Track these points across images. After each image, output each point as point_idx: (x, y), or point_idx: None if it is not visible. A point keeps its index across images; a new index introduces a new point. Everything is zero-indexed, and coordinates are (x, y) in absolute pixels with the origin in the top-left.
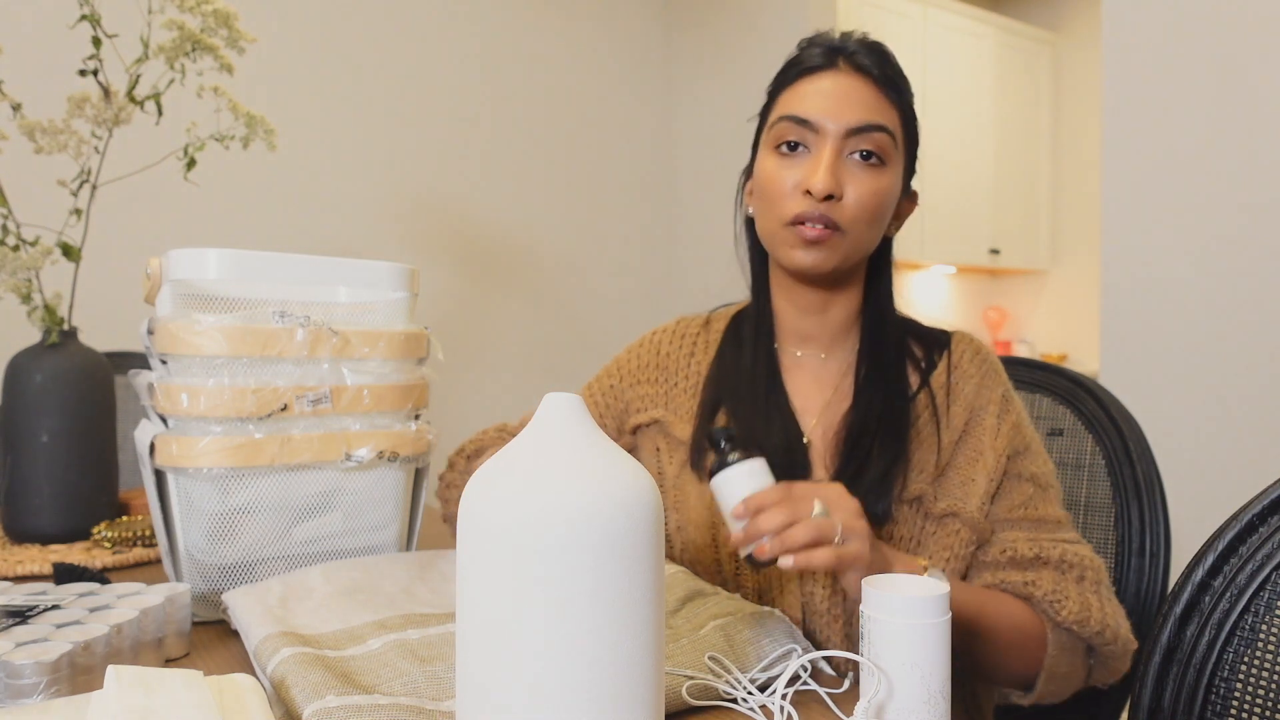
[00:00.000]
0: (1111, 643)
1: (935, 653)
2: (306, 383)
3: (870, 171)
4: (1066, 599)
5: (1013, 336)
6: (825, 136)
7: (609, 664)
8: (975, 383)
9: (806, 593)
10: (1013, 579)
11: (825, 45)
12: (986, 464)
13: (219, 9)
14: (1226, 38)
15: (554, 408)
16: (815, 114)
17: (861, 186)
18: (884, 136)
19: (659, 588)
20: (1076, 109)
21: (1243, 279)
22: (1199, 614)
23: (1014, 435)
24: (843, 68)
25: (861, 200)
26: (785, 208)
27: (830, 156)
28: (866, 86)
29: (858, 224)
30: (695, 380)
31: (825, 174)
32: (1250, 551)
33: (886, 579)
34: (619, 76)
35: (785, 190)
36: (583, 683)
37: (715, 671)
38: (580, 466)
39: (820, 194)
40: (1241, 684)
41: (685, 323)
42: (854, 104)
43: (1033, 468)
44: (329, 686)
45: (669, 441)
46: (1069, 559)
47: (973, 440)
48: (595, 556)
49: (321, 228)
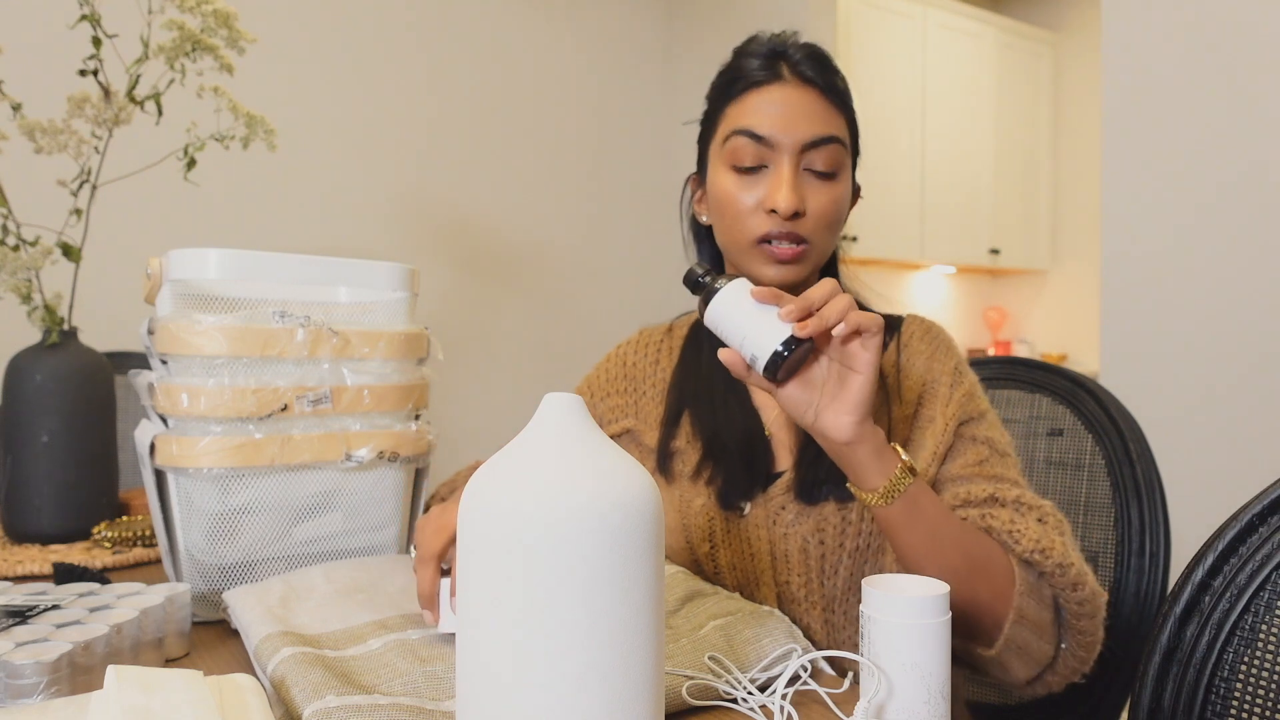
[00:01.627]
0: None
1: (935, 653)
2: (307, 383)
3: (827, 183)
4: (1025, 532)
5: (1013, 336)
6: (781, 151)
7: (609, 663)
8: (925, 358)
9: (781, 582)
10: (970, 515)
11: (765, 53)
12: (935, 428)
13: (219, 9)
14: (1226, 38)
15: (554, 408)
16: (769, 130)
17: (821, 198)
18: (838, 148)
19: (659, 587)
20: (1076, 109)
21: (1243, 279)
22: (1199, 614)
23: (966, 403)
24: (789, 78)
25: (823, 212)
26: (749, 227)
27: (790, 173)
28: (815, 98)
29: (821, 234)
30: (661, 387)
31: (789, 192)
32: (1250, 551)
33: (886, 579)
34: (619, 76)
35: (746, 209)
36: (583, 682)
37: (715, 671)
38: (580, 466)
39: (786, 213)
40: (1241, 684)
41: (648, 333)
42: (806, 117)
43: (987, 433)
44: (329, 686)
45: (640, 449)
46: (1026, 501)
47: (925, 411)
48: (595, 556)
49: (321, 228)
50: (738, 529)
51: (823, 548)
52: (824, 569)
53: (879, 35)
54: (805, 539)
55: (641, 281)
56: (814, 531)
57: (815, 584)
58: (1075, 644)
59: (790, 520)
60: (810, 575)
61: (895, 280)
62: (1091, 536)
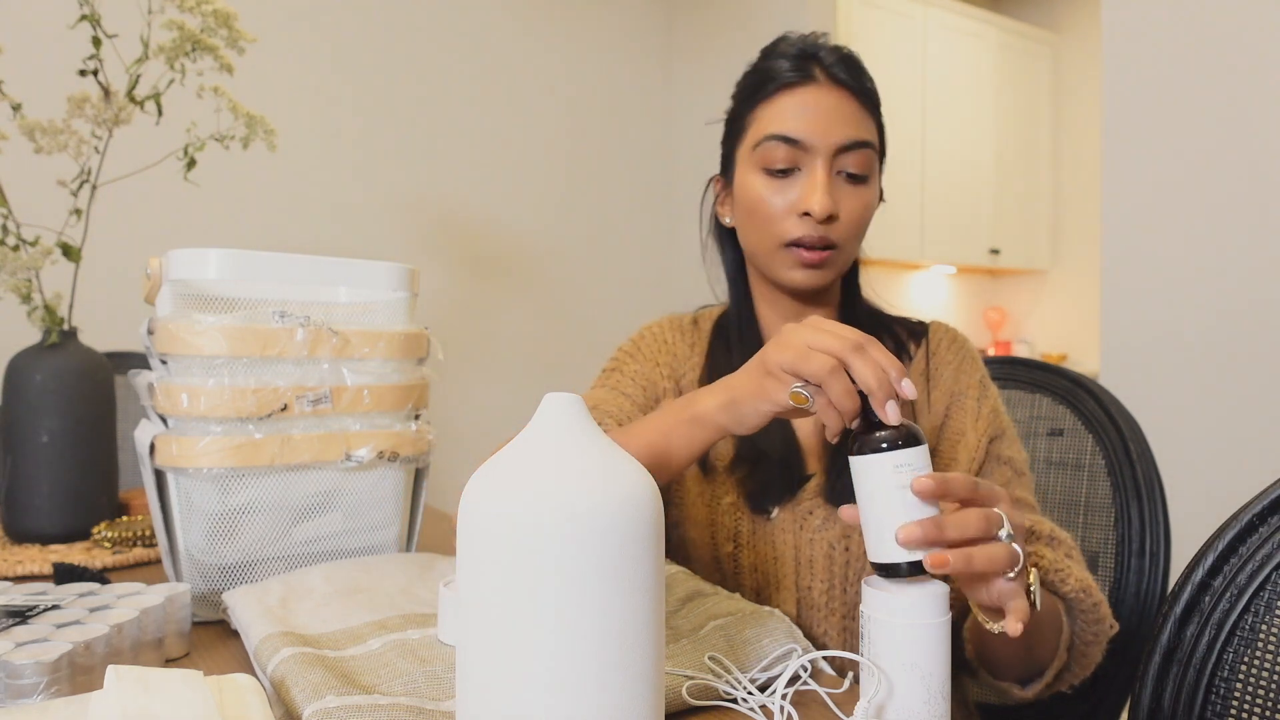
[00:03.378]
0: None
1: (935, 653)
2: (306, 383)
3: (859, 188)
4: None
5: (1013, 336)
6: (815, 155)
7: (608, 663)
8: (954, 368)
9: (804, 587)
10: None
11: (797, 54)
12: (968, 444)
13: (219, 9)
14: (1226, 38)
15: (554, 408)
16: (803, 133)
17: (853, 203)
18: (870, 153)
19: (659, 587)
20: (1077, 109)
21: (1243, 279)
22: (1199, 614)
23: (993, 418)
24: (821, 80)
25: (855, 217)
26: (781, 230)
27: (824, 176)
28: (848, 100)
29: (851, 240)
30: (693, 376)
31: (823, 196)
32: (1250, 551)
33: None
34: (619, 76)
35: (778, 212)
36: (582, 682)
37: (715, 672)
38: (580, 466)
39: (820, 216)
40: (1241, 684)
41: (676, 319)
42: (840, 120)
43: (1009, 452)
44: (329, 686)
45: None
46: (1057, 535)
47: (954, 424)
48: (595, 556)
49: (321, 227)
50: (764, 531)
51: (848, 554)
52: (848, 575)
53: (879, 35)
54: (831, 544)
55: (642, 281)
56: (840, 537)
57: (838, 590)
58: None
59: (818, 525)
60: (834, 581)
61: (895, 280)
62: (1091, 536)
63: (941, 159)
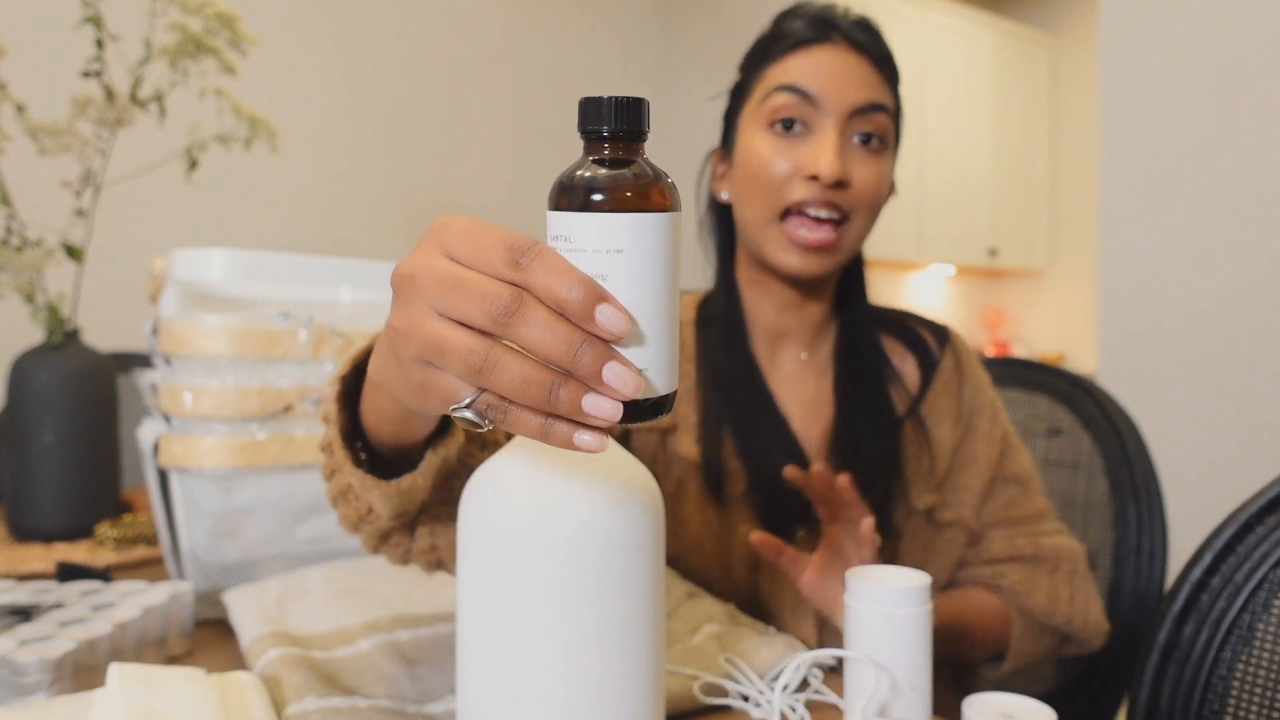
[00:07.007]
0: (1082, 630)
1: (916, 642)
2: (310, 383)
3: (873, 156)
4: (1035, 590)
5: (1010, 337)
6: (827, 115)
7: (608, 663)
8: (973, 385)
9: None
10: (982, 574)
11: (812, 16)
12: (980, 470)
13: (221, 11)
14: (1223, 38)
15: None
16: (817, 88)
17: (866, 172)
18: (886, 118)
19: (659, 588)
20: (1074, 109)
21: (1241, 279)
22: (1197, 613)
23: (1002, 439)
24: (838, 42)
25: (867, 186)
26: (784, 194)
27: (835, 138)
28: (865, 64)
29: (862, 212)
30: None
31: (833, 156)
32: (1248, 551)
33: (869, 569)
34: (618, 77)
35: (782, 175)
36: (582, 682)
37: (731, 675)
38: (579, 469)
39: (830, 179)
40: (1239, 682)
41: None
42: (856, 81)
43: (1014, 467)
44: (310, 688)
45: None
46: (1043, 553)
47: (968, 447)
48: (595, 556)
49: (325, 228)
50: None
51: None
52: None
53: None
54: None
55: None
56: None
57: None
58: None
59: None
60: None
61: (893, 280)
62: (1090, 536)
63: (939, 159)
